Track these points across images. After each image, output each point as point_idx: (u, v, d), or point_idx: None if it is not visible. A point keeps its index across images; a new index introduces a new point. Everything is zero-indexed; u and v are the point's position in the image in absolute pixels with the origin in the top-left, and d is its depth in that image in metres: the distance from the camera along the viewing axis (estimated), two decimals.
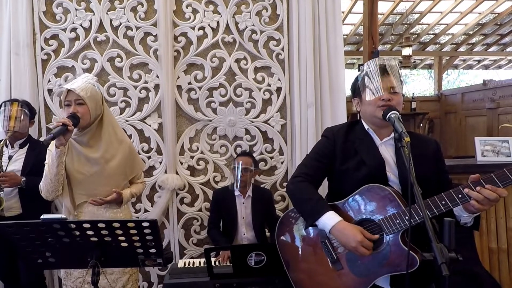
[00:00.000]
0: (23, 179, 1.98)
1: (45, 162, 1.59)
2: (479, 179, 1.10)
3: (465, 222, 1.20)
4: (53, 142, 1.48)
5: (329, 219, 1.25)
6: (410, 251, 1.14)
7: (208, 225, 2.37)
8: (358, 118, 1.46)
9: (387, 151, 1.33)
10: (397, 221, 1.19)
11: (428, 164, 1.29)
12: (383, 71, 1.28)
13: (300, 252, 1.44)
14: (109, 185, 1.63)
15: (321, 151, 1.40)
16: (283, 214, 1.55)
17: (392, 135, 1.31)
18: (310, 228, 1.40)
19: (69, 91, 1.54)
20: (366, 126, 1.38)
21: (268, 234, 2.40)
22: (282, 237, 1.51)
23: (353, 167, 1.31)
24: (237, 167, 2.20)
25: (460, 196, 1.11)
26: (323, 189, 1.50)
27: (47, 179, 1.55)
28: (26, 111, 2.06)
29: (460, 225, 1.21)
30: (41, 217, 1.13)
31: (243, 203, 2.28)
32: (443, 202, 1.13)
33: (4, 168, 2.00)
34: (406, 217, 1.17)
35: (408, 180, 1.18)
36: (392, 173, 1.29)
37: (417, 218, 1.15)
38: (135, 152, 1.81)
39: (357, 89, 1.38)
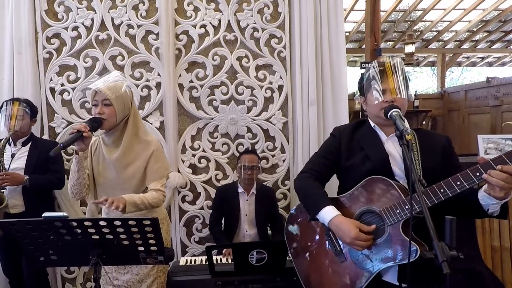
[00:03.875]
0: (26, 177, 1.99)
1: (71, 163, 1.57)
2: (489, 162, 1.07)
3: (492, 211, 1.16)
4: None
5: (327, 213, 1.29)
6: (411, 241, 1.13)
7: (210, 222, 2.38)
8: (366, 116, 1.48)
9: (393, 147, 1.34)
10: (398, 211, 1.20)
11: (435, 158, 1.29)
12: (388, 72, 1.28)
13: (307, 245, 1.48)
14: (126, 190, 1.59)
15: (327, 148, 1.46)
16: (296, 206, 1.57)
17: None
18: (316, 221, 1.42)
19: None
20: (372, 124, 1.40)
21: (269, 231, 2.40)
22: (290, 228, 1.55)
23: (358, 162, 1.34)
24: (244, 166, 2.21)
25: (458, 183, 1.10)
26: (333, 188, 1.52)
27: (71, 182, 1.56)
28: (27, 110, 2.08)
29: (488, 215, 1.18)
30: (43, 215, 1.14)
31: (247, 200, 2.28)
32: (442, 190, 1.13)
33: (6, 166, 2.02)
34: (406, 207, 1.17)
35: (415, 175, 1.17)
36: (397, 168, 1.30)
37: (416, 207, 1.13)
38: (160, 154, 1.66)
39: (362, 88, 1.40)
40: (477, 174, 1.08)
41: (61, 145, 1.38)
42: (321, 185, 1.40)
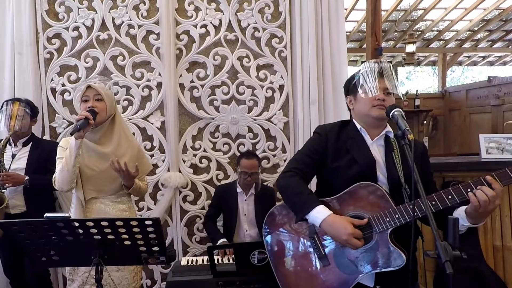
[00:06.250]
0: (27, 178, 1.99)
1: (56, 157, 1.66)
2: (480, 179, 1.11)
3: (460, 230, 1.19)
4: (65, 138, 1.58)
5: (319, 213, 1.25)
6: (397, 249, 1.19)
7: (205, 217, 2.38)
8: (350, 118, 1.47)
9: (377, 151, 1.34)
10: (387, 219, 1.20)
11: (416, 166, 1.30)
12: (379, 72, 1.30)
13: (287, 247, 1.43)
14: (117, 182, 1.68)
15: (313, 147, 1.40)
16: (271, 209, 1.51)
17: (382, 134, 1.35)
18: (299, 223, 1.38)
19: (88, 87, 1.65)
20: (358, 126, 1.38)
21: None
22: (269, 231, 1.48)
23: (345, 165, 1.32)
24: (245, 172, 2.20)
25: (449, 197, 1.14)
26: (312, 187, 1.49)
27: (63, 171, 1.59)
28: (28, 110, 2.07)
29: None
30: (45, 215, 1.14)
31: (245, 200, 2.28)
32: (433, 203, 1.15)
33: (7, 167, 2.01)
34: (397, 216, 1.19)
35: (395, 180, 1.26)
36: (381, 173, 1.31)
37: (407, 217, 1.17)
38: (143, 153, 1.87)
39: (352, 87, 1.39)
40: (468, 190, 1.12)
41: (78, 127, 1.50)
42: (306, 184, 1.36)
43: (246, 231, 2.27)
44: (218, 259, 1.98)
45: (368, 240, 1.24)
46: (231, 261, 1.93)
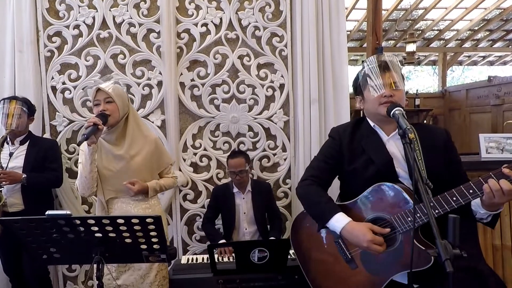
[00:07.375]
0: (24, 176, 1.99)
1: (78, 162, 1.67)
2: (500, 170, 1.06)
3: (480, 217, 1.17)
4: (84, 142, 1.56)
5: (338, 221, 1.24)
6: (424, 248, 1.13)
7: (203, 219, 2.38)
8: (363, 116, 1.45)
9: (395, 147, 1.30)
10: (409, 218, 1.17)
11: (437, 156, 1.26)
12: (384, 67, 1.26)
13: (315, 252, 1.43)
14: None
15: (328, 152, 1.39)
16: (299, 213, 1.53)
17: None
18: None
19: (98, 91, 1.63)
20: (372, 123, 1.36)
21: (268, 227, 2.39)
22: (297, 236, 1.50)
23: (361, 166, 1.30)
24: (232, 171, 2.20)
25: (471, 191, 1.09)
26: (335, 190, 1.49)
27: (82, 178, 1.61)
28: (25, 108, 2.07)
29: (476, 220, 1.18)
30: (46, 213, 1.14)
31: (243, 198, 2.28)
32: (454, 198, 1.11)
33: (4, 165, 2.01)
34: (418, 215, 1.14)
35: (419, 175, 1.17)
36: (401, 169, 1.27)
37: (423, 217, 1.14)
38: (162, 146, 1.86)
39: (359, 87, 1.36)
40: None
41: (85, 136, 1.49)
42: (325, 192, 1.36)
43: (246, 229, 2.28)
44: (218, 258, 1.99)
45: (393, 241, 1.21)
46: (231, 259, 1.94)
